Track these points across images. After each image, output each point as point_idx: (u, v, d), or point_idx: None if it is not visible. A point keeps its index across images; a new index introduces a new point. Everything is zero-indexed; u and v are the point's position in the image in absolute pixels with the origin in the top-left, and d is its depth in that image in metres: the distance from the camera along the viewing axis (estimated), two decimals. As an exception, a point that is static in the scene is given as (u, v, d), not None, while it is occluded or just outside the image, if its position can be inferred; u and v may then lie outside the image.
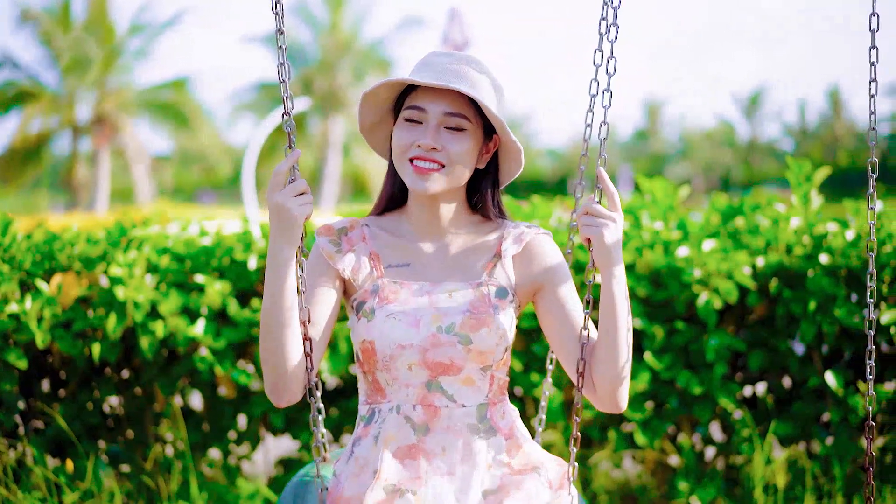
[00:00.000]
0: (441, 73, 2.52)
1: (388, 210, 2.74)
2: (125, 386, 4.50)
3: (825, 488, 4.36)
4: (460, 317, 2.53)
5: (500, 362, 2.60)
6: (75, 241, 4.32)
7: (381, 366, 2.55)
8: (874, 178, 2.72)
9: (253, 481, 4.63)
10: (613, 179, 46.71)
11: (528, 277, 2.64)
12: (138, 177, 39.89)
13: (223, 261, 4.39)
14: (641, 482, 4.68)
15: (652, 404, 4.40)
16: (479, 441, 2.57)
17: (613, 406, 2.55)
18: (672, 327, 4.38)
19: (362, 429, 2.62)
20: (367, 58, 43.08)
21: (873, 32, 2.63)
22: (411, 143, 2.52)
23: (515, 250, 2.63)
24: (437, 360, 2.52)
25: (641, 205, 4.59)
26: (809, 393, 4.43)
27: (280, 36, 2.50)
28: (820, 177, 4.51)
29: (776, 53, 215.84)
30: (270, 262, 2.46)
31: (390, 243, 2.66)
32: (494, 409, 2.62)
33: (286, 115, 2.50)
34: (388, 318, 2.53)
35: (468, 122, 2.53)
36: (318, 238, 2.65)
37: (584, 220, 2.47)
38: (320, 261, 2.62)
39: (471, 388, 2.57)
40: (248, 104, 43.03)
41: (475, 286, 2.59)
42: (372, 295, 2.58)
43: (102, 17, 37.55)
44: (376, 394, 2.61)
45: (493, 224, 2.70)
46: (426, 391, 2.55)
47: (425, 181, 2.52)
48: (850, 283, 4.28)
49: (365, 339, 2.55)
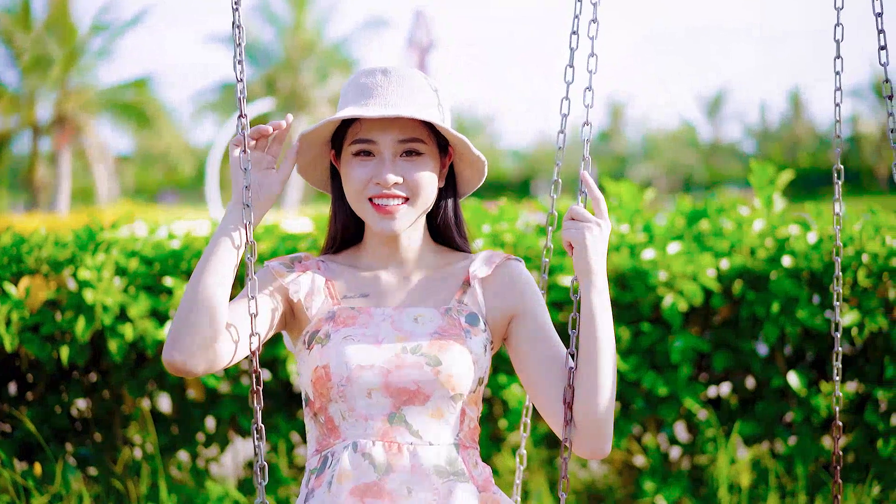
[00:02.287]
0: (383, 98, 2.25)
1: (342, 249, 2.45)
2: (93, 389, 4.51)
3: (788, 487, 4.42)
4: (427, 339, 2.24)
5: (472, 396, 2.29)
6: (43, 244, 4.31)
7: (336, 394, 2.22)
8: (839, 184, 2.77)
9: (222, 483, 4.64)
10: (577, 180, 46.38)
11: (501, 304, 2.34)
12: (100, 177, 39.66)
13: (192, 263, 4.39)
14: (608, 482, 4.73)
15: (618, 405, 4.44)
16: (451, 485, 2.22)
17: (598, 445, 2.25)
18: (638, 329, 4.42)
19: (314, 481, 2.26)
20: (331, 58, 43.07)
21: (838, 42, 2.67)
22: (367, 180, 2.25)
23: (485, 272, 2.32)
24: (400, 384, 2.20)
25: (607, 207, 4.62)
26: (773, 393, 4.48)
27: (237, 30, 2.29)
28: (783, 180, 4.57)
29: (738, 54, 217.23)
30: (221, 220, 2.26)
31: (347, 275, 2.37)
32: (466, 454, 2.28)
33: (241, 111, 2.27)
34: (346, 339, 2.23)
35: (424, 143, 2.28)
36: (269, 262, 2.36)
37: (567, 224, 2.26)
38: (269, 279, 2.32)
39: (439, 422, 2.24)
40: (210, 104, 42.89)
41: (443, 311, 2.30)
42: (326, 321, 2.28)
43: (64, 17, 37.26)
44: (329, 436, 2.26)
45: (459, 254, 2.42)
46: (388, 425, 2.21)
47: (391, 221, 2.26)
48: (813, 285, 4.34)
49: (318, 367, 2.23)
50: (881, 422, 4.31)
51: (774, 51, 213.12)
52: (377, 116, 2.18)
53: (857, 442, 4.39)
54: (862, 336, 4.28)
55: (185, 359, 2.16)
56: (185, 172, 61.13)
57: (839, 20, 2.64)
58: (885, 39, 2.58)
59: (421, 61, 20.00)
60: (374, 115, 2.18)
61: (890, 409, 4.35)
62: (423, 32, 20.07)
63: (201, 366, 2.18)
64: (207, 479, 4.57)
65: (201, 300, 2.17)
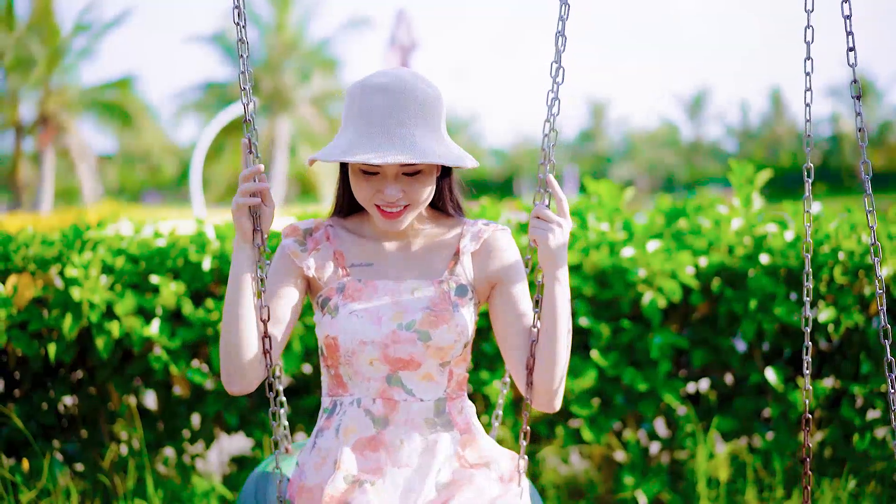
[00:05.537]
0: (387, 131, 2.50)
1: (350, 213, 2.80)
2: (80, 386, 4.53)
3: (766, 481, 4.48)
4: (420, 314, 2.61)
5: (458, 358, 2.68)
6: (30, 242, 4.35)
7: (343, 360, 2.63)
8: (810, 183, 2.83)
9: (207, 479, 4.67)
10: (559, 179, 46.59)
11: (485, 273, 2.71)
12: (83, 177, 39.53)
13: (178, 262, 4.43)
14: (588, 477, 4.77)
15: (598, 401, 4.49)
16: (436, 435, 2.65)
17: (549, 405, 2.67)
18: (618, 326, 4.48)
19: (325, 420, 2.70)
20: (313, 58, 43.05)
21: (808, 44, 2.73)
22: (373, 193, 2.57)
23: (473, 248, 2.71)
24: (396, 356, 2.60)
25: (588, 206, 4.69)
26: (750, 389, 4.55)
27: (241, 45, 2.68)
28: (762, 179, 4.64)
29: (719, 55, 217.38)
30: (233, 257, 2.61)
31: (354, 243, 2.73)
32: (452, 405, 2.70)
33: (249, 122, 2.66)
34: (351, 315, 2.61)
35: (424, 164, 2.57)
36: (284, 239, 2.72)
37: (533, 223, 2.60)
38: (286, 260, 2.69)
39: (429, 382, 2.65)
40: (193, 104, 42.81)
41: (437, 283, 2.66)
42: (337, 292, 2.65)
43: (47, 16, 37.14)
44: (338, 387, 2.69)
45: (453, 220, 2.78)
46: (386, 385, 2.63)
47: (395, 222, 2.60)
48: (790, 282, 4.41)
49: (329, 335, 2.62)
50: (857, 417, 4.38)
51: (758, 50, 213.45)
52: (383, 164, 2.48)
53: (833, 437, 4.46)
54: (838, 332, 4.35)
55: (244, 387, 2.62)
56: (168, 172, 61.04)
57: (809, 22, 2.70)
58: (854, 41, 2.65)
59: (403, 62, 20.02)
60: (380, 163, 2.45)
61: (866, 405, 4.42)
62: (405, 32, 20.09)
63: (256, 382, 2.64)
64: (193, 474, 4.60)
65: (237, 342, 2.59)
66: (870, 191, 2.72)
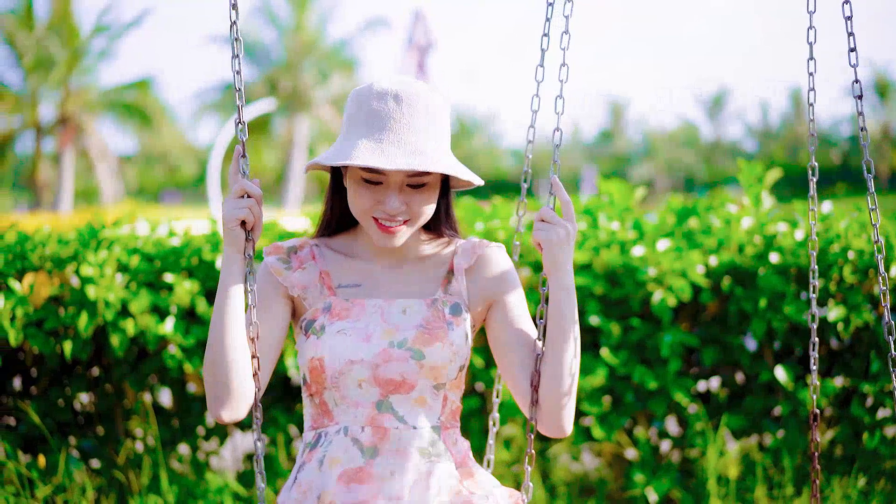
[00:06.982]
0: (396, 134, 2.36)
1: (337, 231, 2.61)
2: (96, 383, 4.58)
3: (775, 479, 4.50)
4: (413, 331, 2.42)
5: (453, 381, 2.47)
6: (46, 241, 4.39)
7: (329, 384, 2.42)
8: (815, 182, 2.86)
9: (221, 476, 4.71)
10: (578, 180, 46.69)
11: (480, 291, 2.53)
12: (102, 177, 39.66)
13: (192, 260, 4.48)
14: (599, 474, 4.80)
15: (609, 399, 4.52)
16: (430, 466, 2.42)
17: (558, 426, 2.48)
18: (628, 324, 4.51)
19: (307, 454, 2.46)
20: (332, 58, 43.02)
21: (811, 45, 2.76)
22: (373, 204, 2.39)
23: (467, 263, 2.52)
24: (388, 376, 2.40)
25: (599, 205, 4.71)
26: (760, 387, 4.57)
27: (236, 43, 2.47)
28: (771, 178, 4.65)
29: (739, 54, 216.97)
30: (222, 268, 2.42)
31: (341, 263, 2.54)
32: (447, 435, 2.48)
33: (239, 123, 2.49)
34: (339, 333, 2.42)
35: (430, 175, 2.41)
36: (267, 257, 2.52)
37: (537, 225, 2.46)
38: (269, 279, 2.50)
39: (423, 408, 2.43)
40: (212, 104, 42.84)
41: (430, 302, 2.48)
42: (323, 312, 2.46)
43: (66, 17, 37.29)
44: (323, 417, 2.47)
45: (446, 240, 2.59)
46: (376, 412, 2.41)
47: (392, 238, 2.41)
48: (799, 281, 4.43)
49: (314, 357, 2.42)
50: (867, 415, 4.40)
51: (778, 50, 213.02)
52: (393, 169, 2.30)
53: (843, 435, 4.48)
54: (848, 331, 4.37)
55: (233, 413, 2.39)
56: (186, 172, 61.21)
57: (812, 23, 2.73)
58: (855, 42, 2.67)
59: (421, 62, 20.05)
60: (390, 168, 2.29)
61: (876, 403, 4.44)
62: (422, 33, 20.11)
63: (246, 408, 2.42)
64: (207, 471, 4.65)
65: (231, 359, 2.37)
66: (872, 189, 2.75)
